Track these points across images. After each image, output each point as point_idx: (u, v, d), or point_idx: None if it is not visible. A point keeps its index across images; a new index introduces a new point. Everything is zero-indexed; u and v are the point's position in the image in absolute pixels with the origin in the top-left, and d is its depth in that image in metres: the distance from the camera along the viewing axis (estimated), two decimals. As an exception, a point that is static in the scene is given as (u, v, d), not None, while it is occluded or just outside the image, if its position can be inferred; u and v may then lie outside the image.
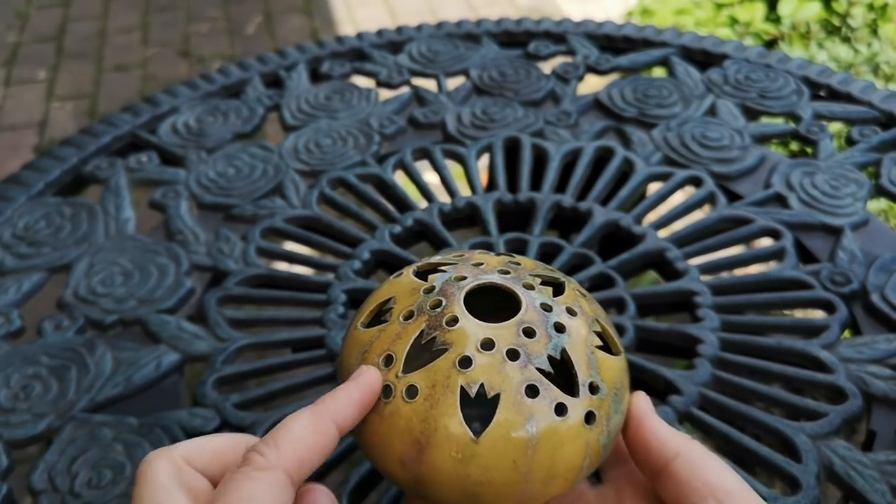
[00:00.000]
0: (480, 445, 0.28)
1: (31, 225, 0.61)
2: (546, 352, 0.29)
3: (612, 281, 0.54)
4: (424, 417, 0.28)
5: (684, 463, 0.30)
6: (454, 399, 0.28)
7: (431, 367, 0.29)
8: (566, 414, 0.28)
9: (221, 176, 0.65)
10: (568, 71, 0.77)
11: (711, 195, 0.61)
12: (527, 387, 0.28)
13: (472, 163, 0.65)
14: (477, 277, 0.31)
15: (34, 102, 1.91)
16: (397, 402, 0.29)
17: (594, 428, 0.29)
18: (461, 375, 0.28)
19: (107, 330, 0.53)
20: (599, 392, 0.29)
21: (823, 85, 0.73)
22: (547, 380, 0.29)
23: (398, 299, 0.31)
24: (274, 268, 0.57)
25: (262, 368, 0.50)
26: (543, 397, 0.28)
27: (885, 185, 0.61)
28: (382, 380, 0.29)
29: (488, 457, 0.28)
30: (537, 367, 0.29)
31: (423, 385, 0.28)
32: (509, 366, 0.28)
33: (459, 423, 0.28)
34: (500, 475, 0.28)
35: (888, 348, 0.48)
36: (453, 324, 0.29)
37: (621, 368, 0.31)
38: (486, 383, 0.28)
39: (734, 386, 0.47)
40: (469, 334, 0.29)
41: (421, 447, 0.28)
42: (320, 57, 0.81)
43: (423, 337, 0.29)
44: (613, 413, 0.30)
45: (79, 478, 0.43)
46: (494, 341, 0.29)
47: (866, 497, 0.41)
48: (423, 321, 0.30)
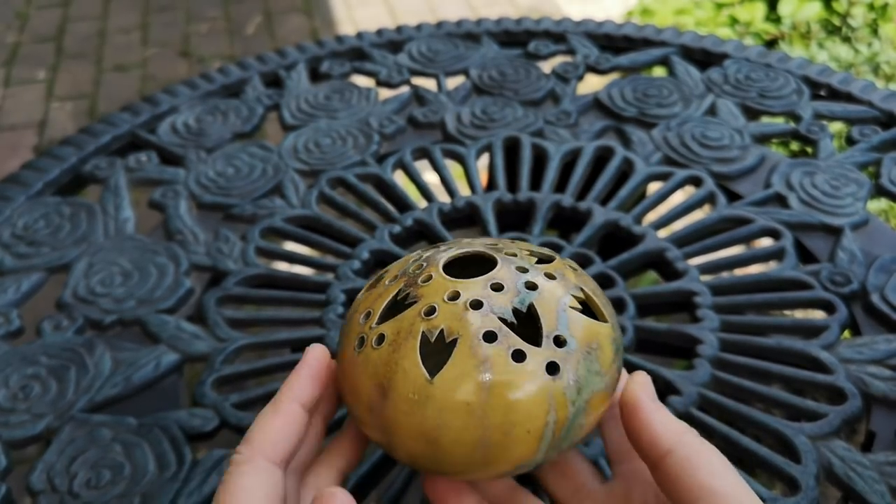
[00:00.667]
0: (435, 386, 0.28)
1: (30, 224, 0.61)
2: (511, 304, 0.29)
3: (612, 281, 0.54)
4: (387, 361, 0.29)
5: (676, 461, 0.29)
6: (414, 343, 0.29)
7: (400, 316, 0.30)
8: (524, 361, 0.28)
9: (221, 175, 0.65)
10: (568, 70, 0.77)
11: (711, 195, 0.61)
12: (485, 333, 0.29)
13: (471, 162, 0.65)
14: (462, 248, 0.33)
15: (34, 102, 1.91)
16: (367, 349, 0.30)
17: (558, 379, 0.29)
18: (424, 322, 0.29)
19: (106, 330, 0.53)
20: (566, 346, 0.29)
21: (823, 84, 0.73)
22: (507, 328, 0.29)
23: (392, 269, 0.33)
24: (273, 268, 0.57)
25: (261, 368, 0.50)
26: (501, 343, 0.29)
27: (885, 184, 0.61)
28: (358, 333, 0.31)
29: (443, 398, 0.28)
30: (499, 316, 0.29)
31: (390, 333, 0.30)
32: (471, 314, 0.29)
33: (416, 364, 0.29)
34: (455, 418, 0.28)
35: (888, 349, 0.48)
36: (427, 281, 0.31)
37: (602, 333, 0.31)
38: (445, 329, 0.29)
39: (734, 386, 0.47)
40: (439, 288, 0.30)
41: (384, 391, 0.29)
42: (320, 56, 0.81)
43: (400, 294, 0.31)
44: (584, 370, 0.29)
45: (77, 478, 0.43)
46: (460, 294, 0.30)
47: (865, 498, 0.41)
48: (403, 281, 0.31)
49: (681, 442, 0.29)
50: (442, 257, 0.32)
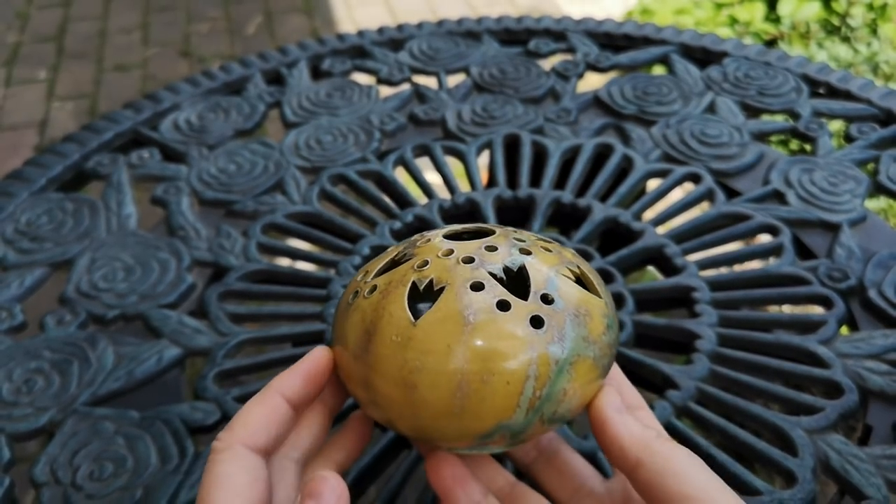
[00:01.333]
0: (418, 328, 0.29)
1: (33, 220, 0.61)
2: (503, 263, 0.30)
3: (611, 276, 0.54)
4: (375, 307, 0.30)
5: (645, 473, 0.29)
6: (403, 290, 0.30)
7: (394, 270, 0.31)
8: (508, 310, 0.29)
9: (223, 172, 0.66)
10: (568, 68, 0.77)
11: (710, 192, 0.61)
12: (472, 283, 0.29)
13: (472, 159, 0.66)
14: (464, 225, 0.33)
15: (35, 102, 1.92)
16: (359, 300, 0.31)
17: (542, 334, 0.28)
18: (415, 273, 0.30)
19: (108, 325, 0.53)
20: (553, 304, 0.29)
21: (822, 82, 0.73)
22: (496, 281, 0.29)
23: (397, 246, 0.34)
24: (274, 263, 0.58)
25: (262, 363, 0.50)
26: (487, 292, 0.29)
27: (883, 181, 0.62)
28: (354, 287, 0.32)
29: (424, 340, 0.28)
30: (489, 270, 0.30)
31: (382, 283, 0.30)
32: (461, 267, 0.30)
33: (403, 307, 0.29)
34: (434, 361, 0.28)
35: (885, 344, 0.49)
36: (426, 244, 0.32)
37: (592, 303, 0.30)
38: (434, 278, 0.29)
39: (732, 381, 0.47)
40: (435, 247, 0.31)
41: (369, 336, 0.29)
42: (321, 54, 0.81)
43: (398, 255, 0.32)
44: (571, 331, 0.29)
45: (80, 470, 0.44)
46: (455, 250, 0.31)
47: (862, 491, 0.41)
48: (404, 246, 0.32)
49: (648, 451, 0.29)
50: (444, 230, 0.33)
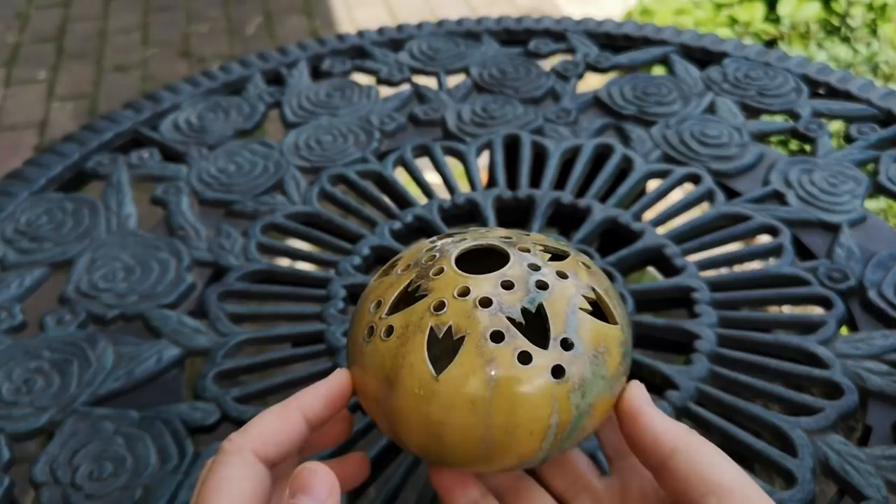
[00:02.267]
0: (440, 383, 0.28)
1: (32, 220, 0.61)
2: (520, 304, 0.29)
3: (611, 277, 0.54)
4: (395, 354, 0.29)
5: (682, 460, 0.29)
6: (422, 338, 0.29)
7: (409, 309, 0.30)
8: (530, 363, 0.28)
9: (222, 172, 0.66)
10: (568, 69, 0.77)
11: (710, 192, 0.61)
12: (492, 332, 0.29)
13: (471, 160, 0.66)
14: (475, 240, 0.32)
15: (34, 103, 1.92)
16: (376, 340, 0.30)
17: (563, 383, 0.29)
18: (433, 318, 0.29)
19: (108, 324, 0.53)
20: (573, 349, 0.29)
21: (822, 83, 0.73)
22: (515, 329, 0.29)
23: (405, 257, 0.33)
24: (274, 263, 0.58)
25: (262, 363, 0.50)
26: (507, 343, 0.29)
27: (883, 182, 0.62)
28: (368, 322, 0.31)
29: (447, 395, 0.28)
30: (507, 315, 0.29)
31: (399, 325, 0.30)
32: (480, 312, 0.29)
33: (423, 360, 0.29)
34: (458, 416, 0.28)
35: (884, 344, 0.49)
36: (439, 274, 0.31)
37: (611, 335, 0.30)
38: (453, 325, 0.29)
39: (731, 381, 0.47)
40: (450, 283, 0.30)
41: (390, 383, 0.29)
42: (321, 54, 0.81)
43: (411, 285, 0.31)
44: (590, 374, 0.29)
45: (80, 470, 0.44)
46: (470, 290, 0.30)
47: (861, 491, 0.41)
48: (415, 272, 0.31)
49: (685, 441, 0.30)
50: (454, 249, 0.32)
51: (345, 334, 0.51)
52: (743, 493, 0.28)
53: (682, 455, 0.29)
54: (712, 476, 0.29)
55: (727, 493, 0.28)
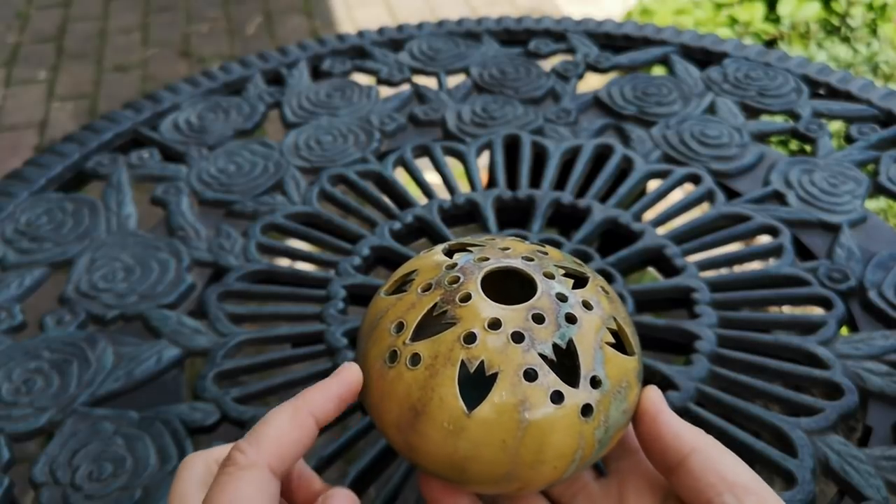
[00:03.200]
0: (472, 420, 0.28)
1: (32, 220, 0.61)
2: (552, 339, 0.29)
3: (611, 277, 0.54)
4: (423, 385, 0.29)
5: (700, 458, 0.30)
6: (453, 371, 0.28)
7: (437, 338, 0.29)
8: (562, 402, 0.28)
9: (222, 172, 0.66)
10: (568, 69, 0.77)
11: (710, 192, 0.61)
12: (526, 370, 0.28)
13: (472, 160, 0.66)
14: (499, 260, 0.32)
15: (34, 103, 1.92)
16: (401, 367, 0.29)
17: (590, 421, 0.29)
18: (464, 350, 0.29)
19: (108, 325, 0.53)
20: (601, 387, 0.29)
21: (822, 83, 0.73)
22: (548, 366, 0.29)
23: (421, 272, 0.32)
24: (274, 263, 0.58)
25: (262, 363, 0.50)
26: (541, 383, 0.28)
27: (883, 182, 0.62)
28: (390, 345, 0.30)
29: (478, 432, 0.28)
30: (540, 352, 0.29)
31: (427, 354, 0.29)
32: (512, 347, 0.29)
33: (455, 395, 0.28)
34: (488, 452, 0.28)
35: (885, 345, 0.49)
36: (466, 300, 0.30)
37: (630, 368, 0.31)
38: (486, 360, 0.28)
39: (731, 382, 0.47)
40: (479, 312, 0.29)
41: (416, 413, 0.29)
42: (321, 54, 0.81)
43: (436, 309, 0.30)
44: (614, 410, 0.30)
45: (80, 471, 0.44)
46: (502, 322, 0.29)
47: (861, 492, 0.41)
48: (439, 294, 0.30)
49: (703, 442, 0.30)
50: (478, 271, 0.31)
51: (345, 335, 0.51)
52: (759, 493, 0.29)
53: (701, 454, 0.30)
54: (729, 475, 0.29)
55: (744, 492, 0.29)
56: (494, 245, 0.33)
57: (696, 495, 0.29)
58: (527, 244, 0.33)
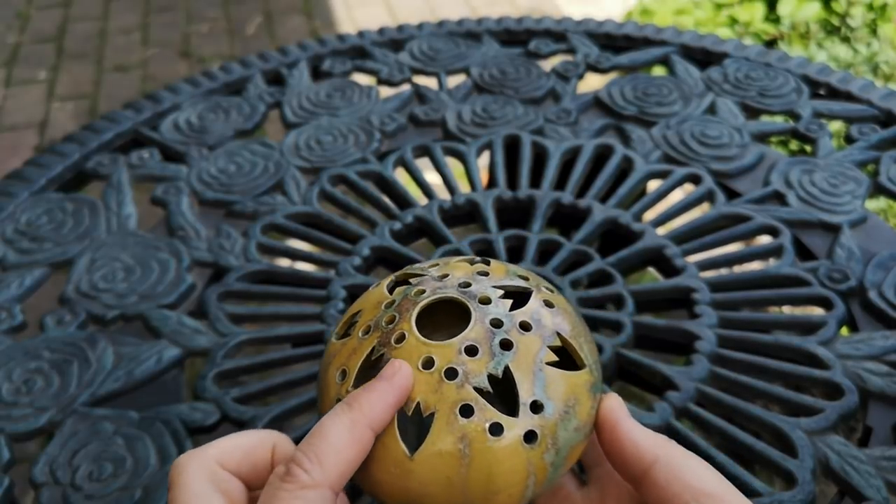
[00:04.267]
0: (415, 462, 0.28)
1: (33, 220, 0.61)
2: (486, 371, 0.29)
3: (611, 278, 0.54)
4: None
5: (663, 468, 0.29)
6: (393, 418, 0.29)
7: None
8: (502, 434, 0.28)
9: (222, 172, 0.66)
10: (568, 69, 0.77)
11: (710, 193, 0.61)
12: (461, 406, 0.28)
13: (472, 160, 0.66)
14: (435, 292, 0.31)
15: (35, 103, 1.92)
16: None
17: (536, 447, 0.29)
18: None
19: (108, 325, 0.53)
20: (544, 411, 0.29)
21: (823, 83, 0.73)
22: (483, 399, 0.28)
23: (364, 313, 0.32)
24: (274, 264, 0.58)
25: (262, 363, 0.50)
26: (477, 417, 0.28)
27: (883, 182, 0.62)
28: (336, 394, 0.30)
29: (423, 473, 0.28)
30: (475, 385, 0.29)
31: None
32: (445, 385, 0.29)
33: (395, 439, 0.29)
34: (437, 490, 0.28)
35: (885, 345, 0.49)
36: (400, 341, 0.30)
37: (579, 383, 0.30)
38: (422, 402, 0.29)
39: (731, 382, 0.47)
40: (412, 352, 0.29)
41: (367, 461, 0.29)
42: (321, 55, 0.81)
43: (374, 353, 0.30)
44: (563, 431, 0.29)
45: (80, 471, 0.44)
46: (434, 360, 0.29)
47: (862, 492, 0.41)
48: (376, 337, 0.30)
49: (665, 450, 0.30)
50: (413, 307, 0.31)
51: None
52: (725, 499, 0.28)
53: (663, 463, 0.29)
54: (694, 483, 0.28)
55: (709, 499, 0.28)
56: (434, 273, 0.33)
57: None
58: (469, 266, 0.33)
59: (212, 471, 0.29)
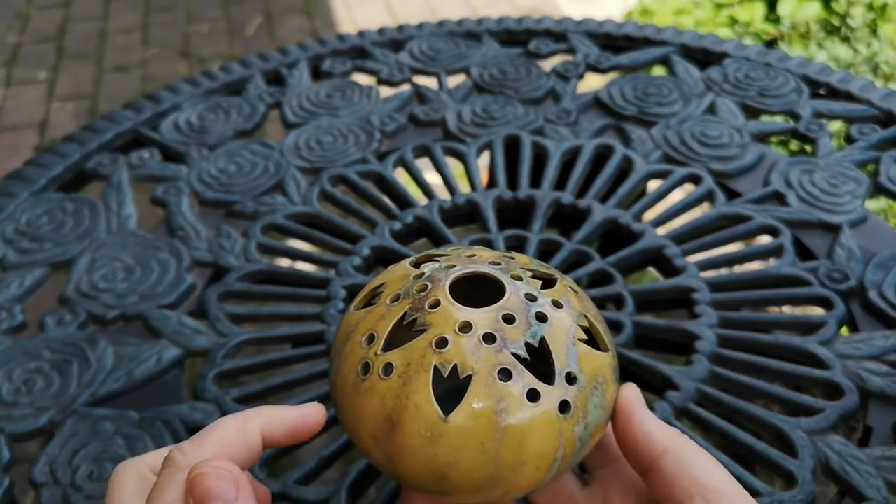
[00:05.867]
0: (449, 424, 0.28)
1: (33, 220, 0.61)
2: (524, 338, 0.29)
3: (611, 277, 0.54)
4: (397, 394, 0.28)
5: (672, 460, 0.29)
6: (427, 377, 0.28)
7: (409, 346, 0.29)
8: (539, 400, 0.28)
9: (223, 172, 0.66)
10: (568, 69, 0.77)
11: (710, 193, 0.61)
12: (500, 370, 0.28)
13: (472, 160, 0.66)
14: (466, 267, 0.31)
15: (35, 103, 1.92)
16: (374, 378, 0.29)
17: (569, 418, 0.29)
18: (436, 355, 0.28)
19: (108, 325, 0.53)
20: (577, 382, 0.29)
21: (823, 83, 0.73)
22: (522, 365, 0.29)
23: (389, 284, 0.32)
24: (274, 264, 0.58)
25: (262, 363, 0.50)
26: (516, 381, 0.28)
27: (883, 182, 0.62)
28: (362, 358, 0.30)
29: (456, 437, 0.28)
30: (513, 351, 0.29)
31: (399, 363, 0.29)
32: (484, 349, 0.28)
33: (429, 401, 0.28)
34: (467, 456, 0.28)
35: (885, 345, 0.49)
36: (435, 307, 0.30)
37: (605, 364, 0.31)
38: (459, 364, 0.28)
39: (732, 382, 0.47)
40: (449, 316, 0.29)
41: (392, 424, 0.28)
42: (321, 55, 0.81)
43: (406, 318, 0.30)
44: (592, 406, 0.29)
45: (80, 471, 0.44)
46: (473, 325, 0.29)
47: (862, 492, 0.41)
48: (408, 303, 0.30)
49: (676, 442, 0.30)
50: (446, 278, 0.31)
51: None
52: (730, 496, 0.28)
53: (673, 455, 0.29)
54: (701, 478, 0.29)
55: (714, 495, 0.28)
56: (461, 253, 0.33)
57: (669, 497, 0.29)
58: (493, 252, 0.33)
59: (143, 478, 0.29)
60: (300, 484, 0.43)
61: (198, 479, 0.26)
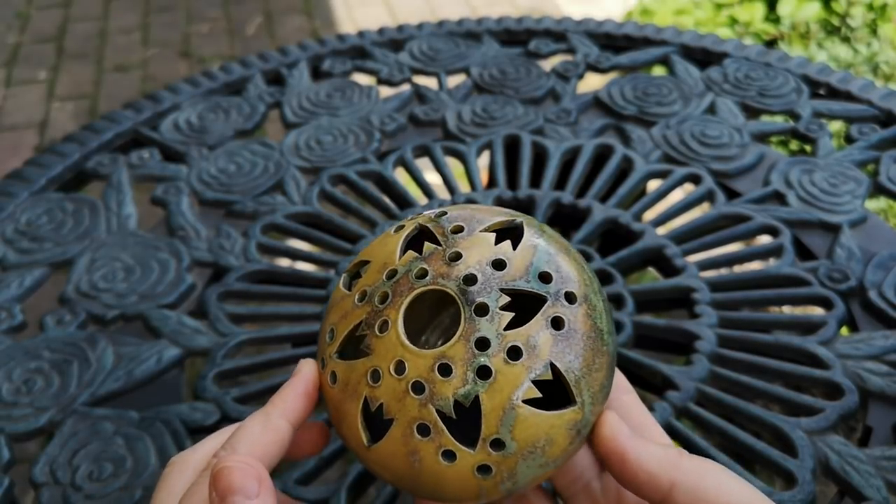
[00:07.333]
0: (371, 452, 0.29)
1: (33, 220, 0.61)
2: (454, 396, 0.27)
3: (611, 277, 0.54)
4: (337, 407, 0.30)
5: (682, 493, 0.28)
6: (357, 405, 0.29)
7: (351, 365, 0.29)
8: (454, 461, 0.28)
9: (222, 172, 0.66)
10: (568, 69, 0.77)
11: (710, 192, 0.61)
12: (419, 425, 0.28)
13: (472, 160, 0.66)
14: (435, 280, 0.29)
15: (35, 103, 1.92)
16: (326, 377, 0.31)
17: (488, 478, 0.28)
18: (368, 388, 0.29)
19: (108, 325, 0.53)
20: (504, 449, 0.27)
21: (823, 83, 0.73)
22: (443, 424, 0.28)
23: (370, 267, 0.31)
24: (274, 263, 0.58)
25: (262, 363, 0.50)
26: (432, 440, 0.28)
27: (883, 182, 0.62)
28: (322, 351, 0.31)
29: (379, 464, 0.29)
30: (438, 408, 0.27)
31: (341, 378, 0.30)
32: (410, 398, 0.28)
33: (357, 427, 0.29)
34: (390, 480, 0.30)
35: (885, 345, 0.49)
36: (384, 329, 0.29)
37: (557, 425, 0.28)
38: (385, 405, 0.28)
39: (732, 382, 0.47)
40: (388, 350, 0.29)
41: (337, 425, 0.30)
42: (321, 55, 0.81)
43: (359, 329, 0.30)
44: (524, 468, 0.28)
45: (80, 471, 0.44)
46: (406, 367, 0.28)
47: (862, 492, 0.41)
48: (367, 311, 0.30)
49: (680, 471, 0.29)
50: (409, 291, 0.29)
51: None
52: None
53: (682, 487, 0.28)
54: (719, 500, 0.28)
55: None
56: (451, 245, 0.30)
57: None
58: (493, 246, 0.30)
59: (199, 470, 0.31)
60: (300, 484, 0.43)
61: (221, 473, 0.27)
